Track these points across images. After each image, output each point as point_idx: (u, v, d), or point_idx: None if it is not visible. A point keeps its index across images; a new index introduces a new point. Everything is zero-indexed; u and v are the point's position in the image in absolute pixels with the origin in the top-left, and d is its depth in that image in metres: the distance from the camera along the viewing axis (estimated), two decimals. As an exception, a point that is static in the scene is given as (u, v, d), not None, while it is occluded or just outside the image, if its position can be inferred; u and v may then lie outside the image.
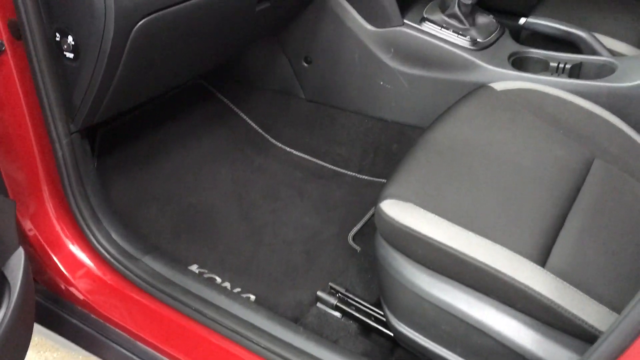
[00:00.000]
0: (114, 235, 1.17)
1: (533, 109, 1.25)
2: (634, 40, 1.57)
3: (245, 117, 1.77)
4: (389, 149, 1.63)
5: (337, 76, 1.63)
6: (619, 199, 1.07)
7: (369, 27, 1.52)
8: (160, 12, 0.99)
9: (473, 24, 1.49)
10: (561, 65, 1.42)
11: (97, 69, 0.99)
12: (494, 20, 1.54)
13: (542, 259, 0.93)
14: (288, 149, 1.69)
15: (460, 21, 1.47)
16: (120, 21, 0.93)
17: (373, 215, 1.38)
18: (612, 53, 1.46)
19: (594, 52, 1.46)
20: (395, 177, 1.07)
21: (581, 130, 1.21)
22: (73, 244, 1.16)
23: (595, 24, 1.57)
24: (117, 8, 0.91)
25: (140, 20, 0.96)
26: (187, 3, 1.03)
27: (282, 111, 1.75)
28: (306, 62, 1.66)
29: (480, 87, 1.32)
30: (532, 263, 0.91)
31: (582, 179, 1.10)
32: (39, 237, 1.16)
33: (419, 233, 0.96)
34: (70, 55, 1.00)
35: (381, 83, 1.57)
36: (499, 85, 1.32)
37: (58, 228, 1.16)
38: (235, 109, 1.77)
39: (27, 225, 1.15)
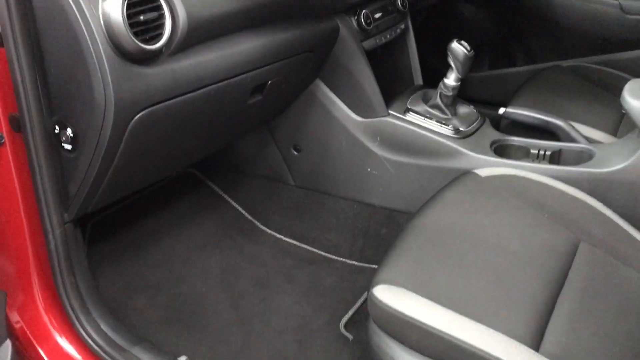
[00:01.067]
0: (103, 326, 1.15)
1: (517, 194, 1.29)
2: (608, 128, 1.64)
3: (235, 204, 1.79)
4: (378, 233, 1.65)
5: (325, 163, 1.68)
6: (607, 282, 1.09)
7: (356, 117, 1.58)
8: (158, 106, 1.03)
9: (455, 113, 1.56)
10: (541, 152, 1.48)
11: (95, 160, 1.01)
12: (474, 110, 1.61)
13: (535, 343, 0.93)
14: (278, 236, 1.70)
15: (443, 111, 1.54)
16: (119, 114, 0.96)
17: (364, 301, 1.38)
18: (589, 140, 1.53)
19: (571, 140, 1.53)
20: (387, 263, 1.08)
21: (565, 215, 1.25)
22: (61, 335, 1.14)
23: (571, 113, 1.65)
24: (116, 101, 0.94)
25: (139, 113, 1.00)
26: (184, 97, 1.08)
27: (271, 198, 1.78)
28: (295, 150, 1.71)
29: (465, 174, 1.36)
30: (526, 348, 0.91)
31: (569, 262, 1.12)
32: (26, 330, 1.13)
33: (413, 318, 0.96)
34: (68, 146, 1.02)
35: (369, 170, 1.61)
36: (483, 172, 1.36)
37: (46, 319, 1.14)
38: (225, 196, 1.80)
39: (14, 317, 1.14)
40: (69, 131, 1.00)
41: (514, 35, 2.32)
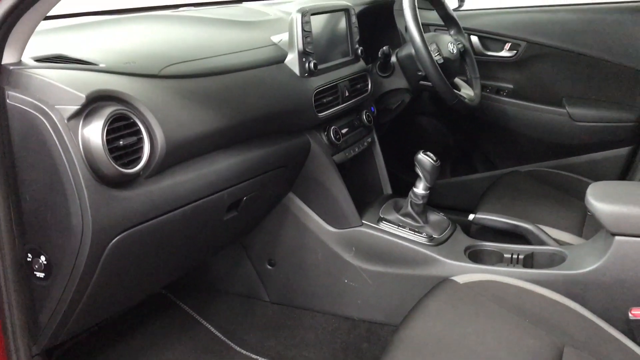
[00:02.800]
0: None
1: (497, 300, 1.28)
2: (573, 229, 1.69)
3: (208, 325, 1.72)
4: (359, 348, 1.60)
5: (301, 277, 1.65)
6: None
7: (330, 228, 1.59)
8: (135, 228, 1.01)
9: (426, 221, 1.59)
10: (514, 256, 1.50)
11: (69, 287, 0.97)
12: (445, 217, 1.64)
13: None
14: (254, 357, 1.63)
15: (415, 219, 1.57)
16: (96, 239, 0.94)
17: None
18: (558, 242, 1.57)
19: (541, 243, 1.56)
20: None
21: (547, 319, 1.24)
22: None
23: (536, 216, 1.70)
24: (94, 226, 0.92)
25: (116, 237, 0.98)
26: (161, 217, 1.07)
27: (246, 316, 1.72)
28: (270, 265, 1.69)
29: (444, 281, 1.35)
30: None
31: None
32: None
33: None
34: (40, 274, 0.98)
35: (346, 281, 1.59)
36: (461, 279, 1.36)
37: None
38: (197, 316, 1.73)
39: None
40: (43, 259, 0.97)
41: (472, 143, 2.43)
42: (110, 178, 0.94)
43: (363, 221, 1.57)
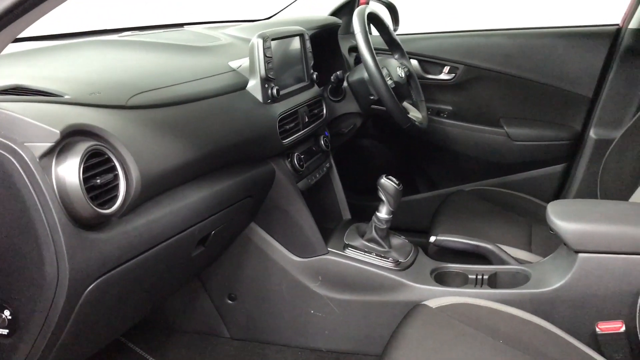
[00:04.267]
0: None
1: (471, 322, 1.29)
2: (524, 246, 1.74)
3: None
4: (326, 380, 1.56)
5: (264, 310, 1.59)
6: None
7: (295, 258, 1.54)
8: (111, 272, 0.93)
9: (390, 246, 1.58)
10: (479, 277, 1.52)
11: (38, 344, 0.87)
12: (407, 241, 1.64)
13: None
14: (217, 397, 1.55)
15: (380, 244, 1.55)
16: (72, 288, 0.85)
17: None
18: (517, 261, 1.60)
19: (502, 262, 1.59)
20: None
21: (520, 339, 1.26)
22: None
23: (491, 235, 1.74)
24: (71, 274, 0.83)
25: (92, 283, 0.89)
26: (137, 258, 0.99)
27: (205, 355, 1.63)
28: (230, 299, 1.61)
29: (417, 307, 1.34)
30: None
31: None
32: None
33: None
34: (4, 331, 0.87)
35: (312, 312, 1.55)
36: (433, 303, 1.36)
37: None
38: (151, 359, 1.62)
39: None
40: (7, 313, 0.86)
41: (415, 164, 2.47)
42: (87, 220, 0.86)
43: (329, 248, 1.53)
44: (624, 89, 2.12)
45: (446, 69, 2.31)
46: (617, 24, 2.16)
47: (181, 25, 1.94)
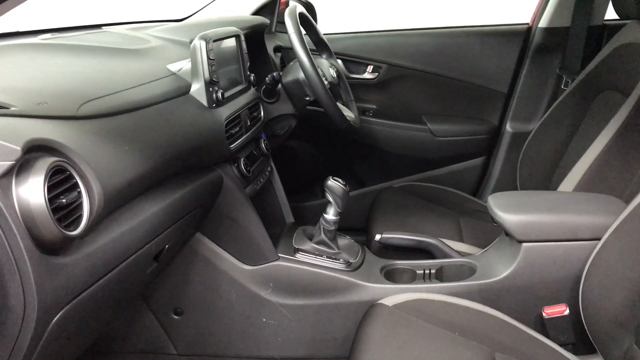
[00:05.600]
0: None
1: (427, 318, 1.31)
2: (457, 237, 1.81)
3: None
4: (281, 388, 1.53)
5: (213, 323, 1.53)
6: None
7: (244, 266, 1.49)
8: (78, 298, 0.84)
9: (339, 247, 1.57)
10: (427, 271, 1.55)
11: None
12: (353, 241, 1.64)
13: None
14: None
15: (330, 246, 1.54)
16: (40, 320, 0.76)
17: None
18: (459, 254, 1.66)
19: (445, 255, 1.63)
20: None
21: (474, 329, 1.30)
22: None
23: (427, 229, 1.78)
24: (39, 305, 0.74)
25: (59, 312, 0.80)
26: (100, 281, 0.91)
27: (150, 374, 1.55)
28: (176, 315, 1.53)
29: (375, 306, 1.35)
30: None
31: None
32: None
33: None
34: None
35: (264, 320, 1.51)
36: (388, 301, 1.37)
37: None
38: None
39: None
40: (-36, 353, 0.76)
41: (343, 163, 2.48)
42: (53, 244, 0.77)
43: (279, 254, 1.50)
44: (536, 85, 2.26)
45: (370, 68, 2.35)
46: (527, 23, 2.29)
47: (99, 26, 1.81)
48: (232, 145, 1.40)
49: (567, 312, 1.37)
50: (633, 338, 1.16)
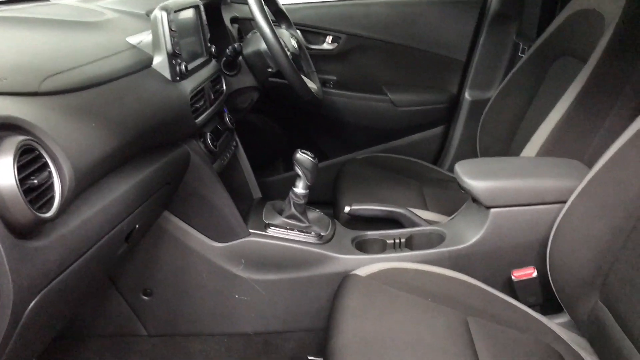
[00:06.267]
0: None
1: (401, 286, 1.33)
2: (421, 206, 1.83)
3: None
4: (257, 363, 1.52)
5: (184, 302, 1.50)
6: (508, 351, 1.17)
7: (215, 244, 1.47)
8: (53, 283, 0.80)
9: (308, 220, 1.57)
10: (397, 241, 1.56)
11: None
12: (323, 214, 1.64)
13: None
14: (140, 400, 1.44)
15: (301, 220, 1.53)
16: (16, 307, 0.72)
17: None
18: (427, 222, 1.68)
19: (413, 224, 1.65)
20: None
21: (446, 295, 1.33)
22: None
23: (398, 200, 1.80)
24: (15, 292, 0.70)
25: (35, 298, 0.77)
26: (74, 264, 0.87)
27: (120, 358, 1.51)
28: (145, 295, 1.50)
29: (348, 277, 1.36)
30: None
31: (471, 340, 1.18)
32: None
33: None
34: None
35: (237, 296, 1.49)
36: (362, 272, 1.38)
37: None
38: None
39: None
40: None
41: (304, 137, 2.46)
42: (25, 227, 0.73)
43: (250, 230, 1.48)
44: (493, 52, 2.29)
45: (329, 38, 2.32)
46: (485, -9, 2.31)
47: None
48: (197, 120, 1.36)
49: (535, 274, 1.41)
50: (598, 295, 1.20)
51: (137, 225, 1.15)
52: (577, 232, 1.26)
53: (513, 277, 1.42)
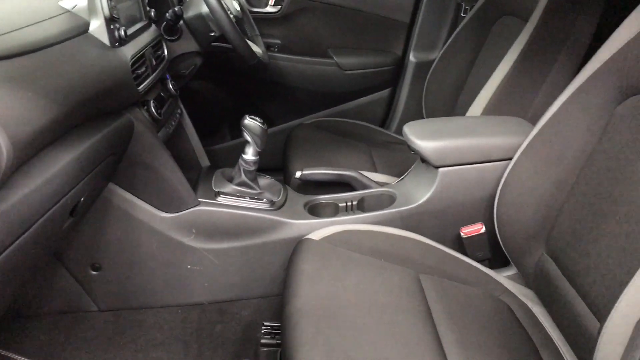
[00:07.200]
0: None
1: (355, 248, 1.34)
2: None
3: (22, 359, 1.42)
4: (212, 332, 1.51)
5: (135, 275, 1.47)
6: (460, 305, 1.21)
7: (164, 214, 1.43)
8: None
9: (259, 187, 1.55)
10: (349, 204, 1.57)
11: None
12: (274, 180, 1.62)
13: None
14: (93, 377, 1.41)
15: (251, 187, 1.51)
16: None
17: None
18: (378, 184, 1.69)
19: (365, 186, 1.66)
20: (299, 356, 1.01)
21: (398, 254, 1.35)
22: None
23: (348, 163, 1.80)
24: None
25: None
26: (18, 240, 0.83)
27: (71, 335, 1.47)
28: (94, 270, 1.46)
29: (303, 241, 1.36)
30: None
31: (424, 297, 1.21)
32: None
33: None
34: None
35: (189, 267, 1.47)
36: (315, 235, 1.38)
37: None
38: (8, 353, 1.42)
39: None
40: None
41: (250, 103, 2.42)
42: None
43: (199, 199, 1.45)
44: (436, 13, 2.30)
45: (272, 1, 2.27)
46: (426, -49, 2.30)
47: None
48: (139, 87, 1.31)
49: (483, 230, 1.45)
50: (543, 248, 1.25)
51: (81, 199, 1.11)
52: (522, 187, 1.30)
53: (462, 234, 1.46)
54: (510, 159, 1.35)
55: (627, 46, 1.11)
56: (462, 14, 2.25)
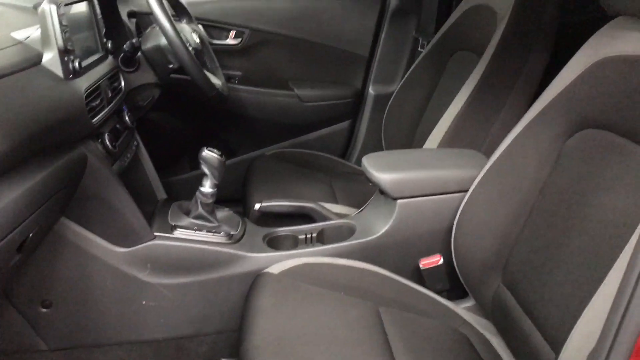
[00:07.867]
0: None
1: (313, 281, 1.33)
2: (331, 199, 1.84)
3: None
4: (168, 370, 1.47)
5: (88, 312, 1.42)
6: (421, 339, 1.21)
7: (118, 249, 1.39)
8: None
9: (217, 220, 1.53)
10: (308, 236, 1.56)
11: None
12: (232, 212, 1.60)
13: None
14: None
15: (209, 220, 1.49)
16: None
17: None
18: (338, 216, 1.69)
19: (324, 218, 1.66)
20: None
21: (357, 287, 1.34)
22: None
23: (308, 195, 1.80)
24: None
25: None
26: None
27: (18, 376, 1.41)
28: (44, 307, 1.40)
29: (261, 276, 1.34)
30: None
31: (383, 331, 1.21)
32: None
33: None
34: None
35: (144, 302, 1.43)
36: (274, 269, 1.36)
37: None
38: None
39: None
40: None
41: (211, 134, 2.41)
42: None
43: (155, 233, 1.42)
44: (395, 47, 2.34)
45: (232, 33, 2.28)
46: (384, -13, 2.36)
47: None
48: (94, 120, 1.29)
49: (441, 261, 1.46)
50: (500, 279, 1.26)
51: (30, 235, 1.07)
52: (478, 219, 1.32)
53: (421, 266, 1.46)
54: (467, 191, 1.37)
55: (574, 84, 1.15)
56: (419, 49, 2.31)
